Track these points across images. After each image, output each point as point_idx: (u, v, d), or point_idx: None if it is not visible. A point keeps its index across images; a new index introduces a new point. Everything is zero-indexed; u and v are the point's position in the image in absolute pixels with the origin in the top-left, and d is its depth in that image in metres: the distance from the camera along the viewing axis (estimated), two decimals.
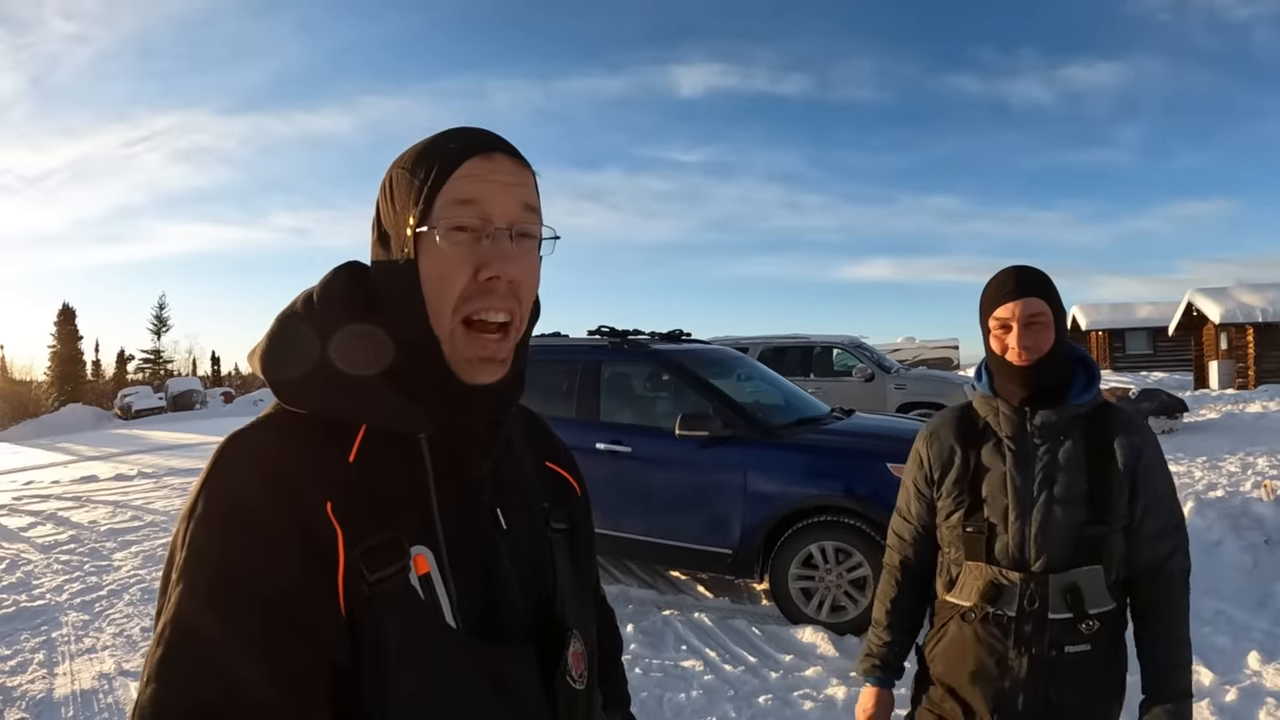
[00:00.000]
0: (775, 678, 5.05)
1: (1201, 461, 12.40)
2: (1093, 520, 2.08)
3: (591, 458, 6.84)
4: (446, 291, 0.99)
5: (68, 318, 65.32)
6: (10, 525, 11.70)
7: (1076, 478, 2.10)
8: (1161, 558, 2.14)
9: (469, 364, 1.01)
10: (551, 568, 1.14)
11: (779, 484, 6.17)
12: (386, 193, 1.04)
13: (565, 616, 1.12)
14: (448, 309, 1.00)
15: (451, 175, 1.00)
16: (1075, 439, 2.13)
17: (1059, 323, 2.12)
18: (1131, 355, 42.99)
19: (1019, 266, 2.14)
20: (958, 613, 2.19)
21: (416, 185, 1.00)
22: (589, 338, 7.75)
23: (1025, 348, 2.07)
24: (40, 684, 5.57)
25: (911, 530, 2.36)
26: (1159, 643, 2.12)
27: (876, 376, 16.30)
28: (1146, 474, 2.14)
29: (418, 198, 1.00)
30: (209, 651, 0.86)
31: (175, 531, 0.95)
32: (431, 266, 0.99)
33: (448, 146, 1.02)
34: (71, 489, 15.33)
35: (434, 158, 1.01)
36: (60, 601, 7.53)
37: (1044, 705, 2.09)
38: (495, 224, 1.00)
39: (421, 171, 1.01)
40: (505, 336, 1.03)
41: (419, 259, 1.00)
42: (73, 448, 25.85)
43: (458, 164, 1.00)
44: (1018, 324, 2.08)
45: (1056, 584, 2.07)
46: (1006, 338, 2.10)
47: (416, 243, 1.00)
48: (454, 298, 0.99)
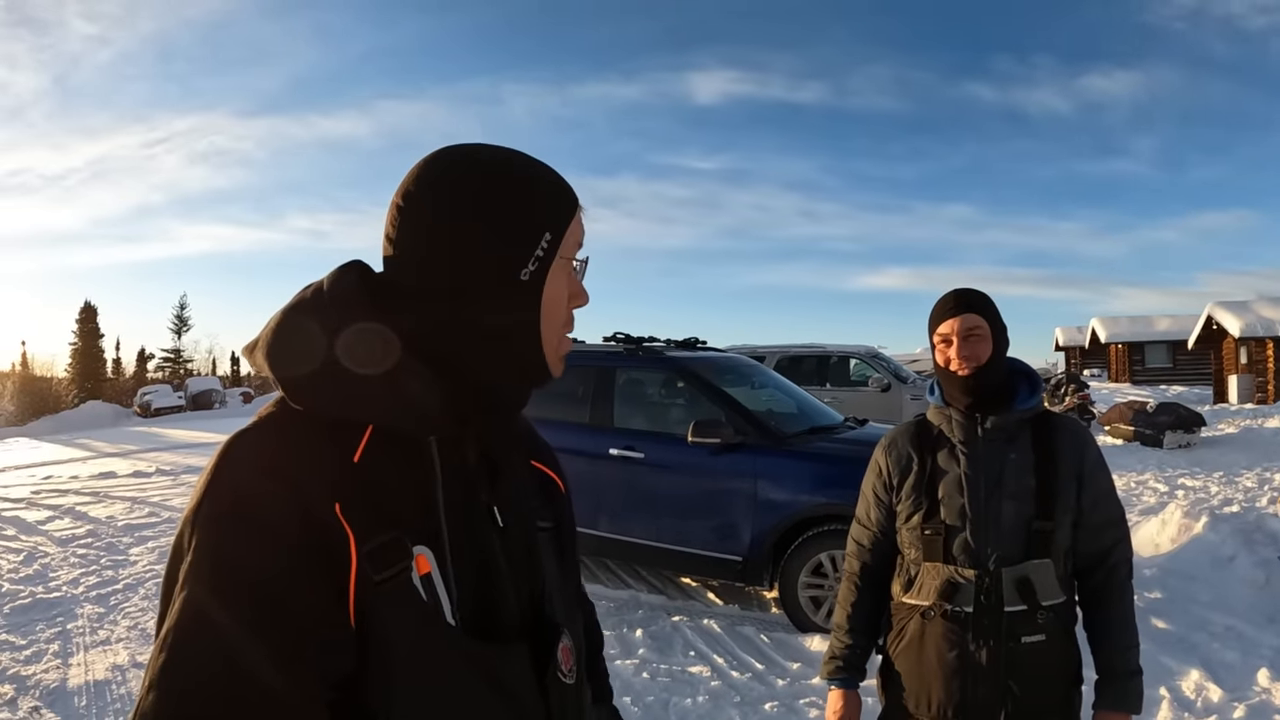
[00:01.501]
0: (782, 685, 5.06)
1: (1218, 476, 12.35)
2: (1041, 515, 2.23)
3: (604, 463, 6.88)
4: (559, 313, 1.11)
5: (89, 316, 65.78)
6: (29, 519, 11.81)
7: (1025, 477, 2.26)
8: (1107, 547, 2.31)
9: (560, 362, 1.13)
10: (540, 565, 1.15)
11: (789, 492, 6.19)
12: (484, 201, 1.05)
13: (555, 614, 1.14)
14: (558, 328, 1.11)
15: (576, 213, 1.12)
16: (1023, 442, 2.30)
17: (998, 337, 2.29)
18: (1151, 368, 42.83)
19: (961, 288, 2.35)
20: (917, 612, 2.31)
21: (554, 212, 1.09)
22: (604, 344, 7.78)
23: (964, 357, 2.25)
24: (54, 674, 5.65)
25: (870, 536, 2.50)
26: (1109, 626, 2.28)
27: (893, 387, 16.22)
28: (1093, 471, 2.31)
29: (554, 222, 1.09)
30: (215, 658, 0.84)
31: (179, 533, 0.93)
32: (555, 288, 1.09)
33: (562, 184, 1.13)
34: (90, 484, 15.44)
35: (561, 191, 1.12)
36: (76, 594, 7.61)
37: (1005, 694, 2.19)
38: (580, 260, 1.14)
39: (552, 201, 1.10)
40: None
41: (546, 280, 1.08)
42: (92, 444, 26.01)
43: (578, 204, 1.13)
44: (957, 337, 2.27)
45: (1009, 577, 2.21)
46: (949, 350, 2.29)
47: (547, 266, 1.08)
48: (562, 319, 1.12)
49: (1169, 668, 5.01)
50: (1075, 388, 19.88)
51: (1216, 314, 30.77)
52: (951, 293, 2.34)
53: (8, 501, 13.86)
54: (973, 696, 2.20)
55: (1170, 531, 7.34)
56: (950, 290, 2.35)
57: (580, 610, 1.37)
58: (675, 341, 8.03)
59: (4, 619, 6.96)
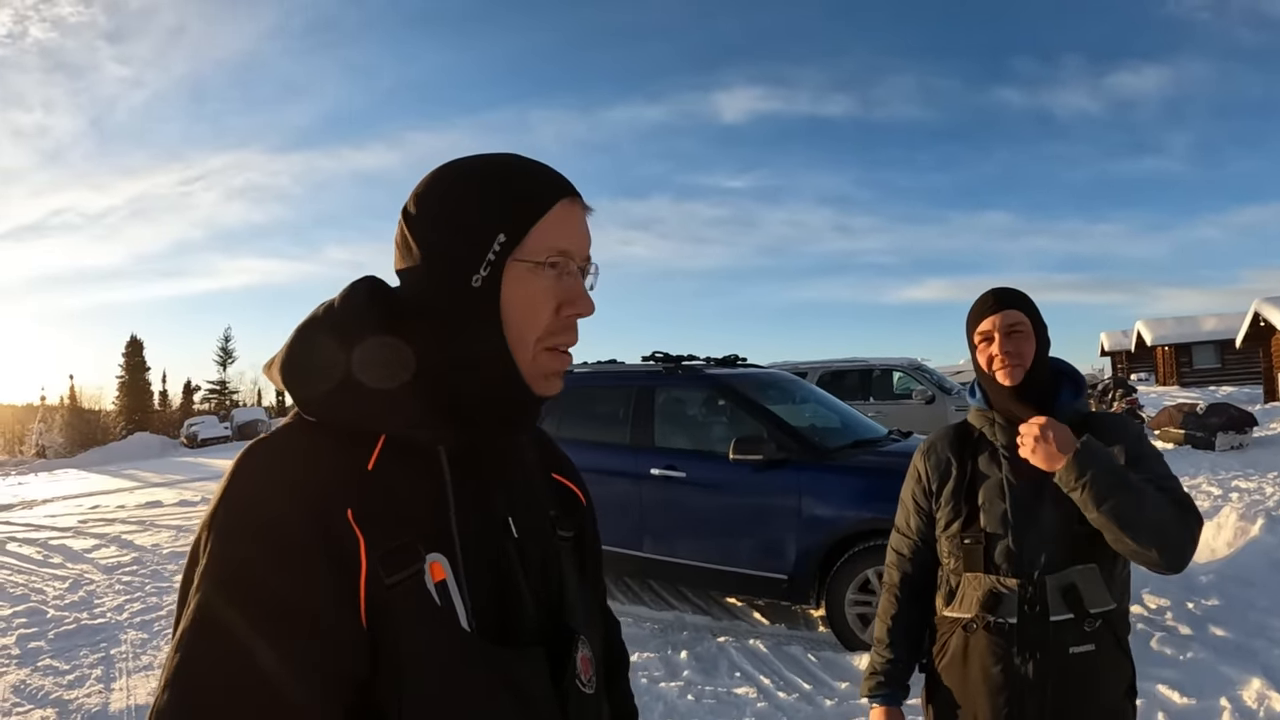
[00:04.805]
0: (830, 705, 4.94)
1: (1273, 477, 12.09)
2: (1084, 518, 2.07)
3: (646, 483, 6.83)
4: (534, 322, 1.04)
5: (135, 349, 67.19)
6: (75, 547, 12.02)
7: None
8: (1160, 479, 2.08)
9: (545, 379, 1.07)
10: (559, 575, 1.16)
11: (834, 507, 6.07)
12: (444, 204, 1.06)
13: (574, 622, 1.14)
14: (532, 337, 1.04)
15: (548, 213, 1.04)
16: None
17: (1040, 334, 2.20)
18: (1199, 370, 42.14)
19: (998, 287, 2.26)
20: (959, 625, 2.21)
21: (504, 212, 1.03)
22: (643, 364, 7.75)
23: (1007, 353, 2.16)
24: (96, 698, 5.71)
25: (910, 545, 2.40)
26: None
27: (937, 398, 15.93)
28: (1134, 445, 2.17)
29: (504, 224, 1.03)
30: (228, 659, 0.86)
31: (196, 539, 0.96)
32: (520, 294, 1.03)
33: (537, 180, 1.07)
34: (136, 513, 15.69)
35: (526, 188, 1.05)
36: (120, 620, 7.72)
37: (1055, 709, 2.09)
38: (576, 264, 1.07)
39: (512, 200, 1.04)
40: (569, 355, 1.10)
41: (504, 283, 1.03)
42: (139, 474, 26.49)
43: (553, 202, 1.05)
44: (999, 333, 2.17)
45: (1054, 584, 2.10)
46: (990, 349, 2.19)
47: (503, 268, 1.03)
48: (540, 328, 1.04)
49: (1229, 677, 4.83)
50: (1123, 392, 19.62)
51: (1263, 310, 30.10)
52: (989, 291, 2.25)
53: (55, 530, 14.12)
54: (1020, 712, 2.11)
55: (1226, 535, 7.19)
56: (987, 289, 2.27)
57: (603, 624, 1.36)
58: (715, 359, 7.96)
59: (49, 644, 7.08)
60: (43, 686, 5.99)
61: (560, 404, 7.48)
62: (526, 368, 1.05)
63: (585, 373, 7.90)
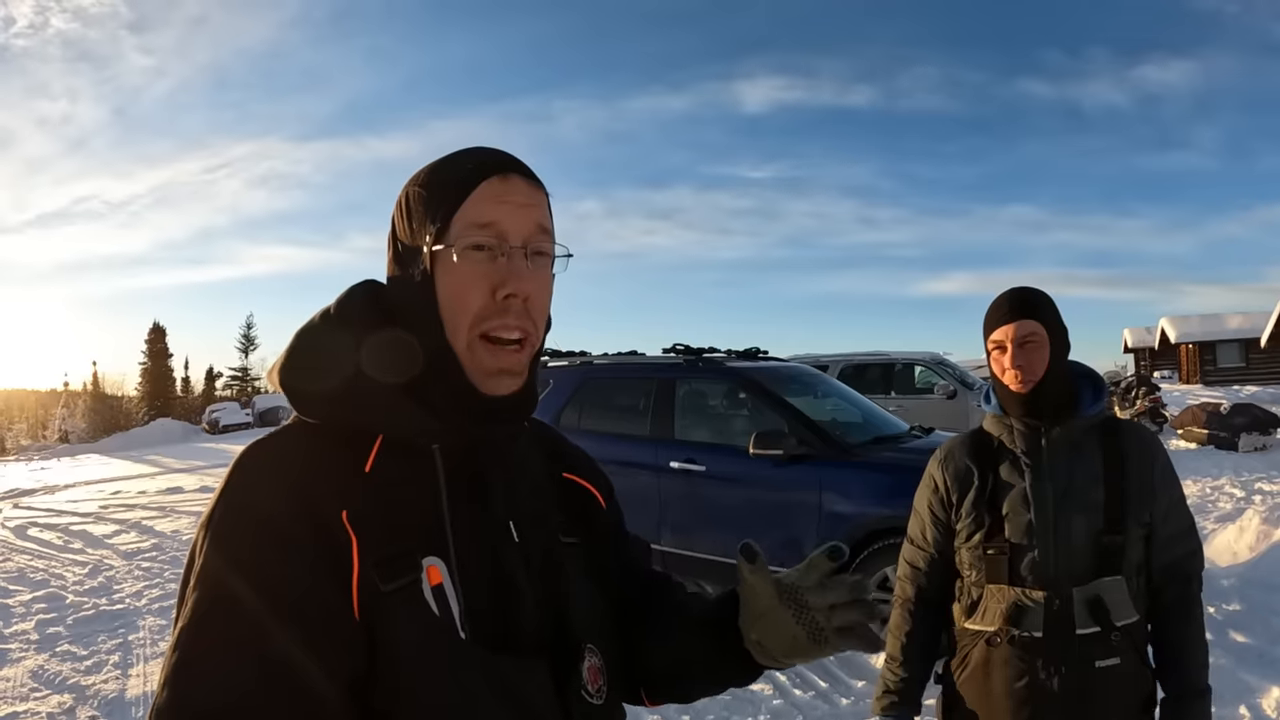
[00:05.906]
0: (846, 704, 4.92)
1: None
2: (1110, 529, 2.09)
3: (665, 476, 6.81)
4: (464, 308, 1.02)
5: (158, 336, 67.43)
6: (95, 532, 12.11)
7: (1093, 488, 2.12)
8: (1179, 558, 2.17)
9: (488, 376, 1.04)
10: (564, 581, 1.13)
11: (854, 504, 6.01)
12: (403, 210, 1.08)
13: (579, 630, 1.11)
14: (464, 325, 1.03)
15: (469, 195, 1.03)
16: (1089, 450, 2.17)
17: (1055, 342, 2.16)
18: (1223, 368, 41.69)
19: (1017, 288, 2.21)
20: (981, 638, 2.17)
21: (434, 204, 1.04)
22: (664, 356, 7.72)
23: (1019, 367, 2.13)
24: (113, 684, 5.75)
25: (926, 557, 2.35)
26: (1181, 643, 2.14)
27: (959, 393, 15.83)
28: (1163, 479, 2.18)
29: (434, 216, 1.04)
30: (225, 658, 0.87)
31: (194, 539, 0.97)
32: (449, 284, 1.03)
33: (464, 166, 1.06)
34: (157, 499, 15.80)
35: (450, 177, 1.05)
36: (139, 606, 7.78)
37: None
38: (511, 243, 1.03)
39: (438, 190, 1.05)
40: (522, 349, 1.06)
41: (435, 276, 1.03)
42: (160, 460, 26.66)
43: (475, 184, 1.04)
44: (1011, 344, 2.14)
45: (1080, 597, 2.07)
46: (1003, 359, 2.16)
47: (433, 260, 1.03)
48: (471, 315, 1.03)
49: (1248, 684, 4.77)
50: (1146, 391, 19.45)
51: None
52: (1006, 294, 2.21)
53: (76, 516, 14.22)
54: None
55: (1248, 539, 7.10)
56: (1006, 290, 2.22)
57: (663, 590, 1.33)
58: (736, 352, 7.91)
59: (67, 629, 7.14)
60: (60, 672, 6.03)
61: (581, 395, 7.48)
62: (467, 362, 1.04)
63: (606, 364, 7.88)
